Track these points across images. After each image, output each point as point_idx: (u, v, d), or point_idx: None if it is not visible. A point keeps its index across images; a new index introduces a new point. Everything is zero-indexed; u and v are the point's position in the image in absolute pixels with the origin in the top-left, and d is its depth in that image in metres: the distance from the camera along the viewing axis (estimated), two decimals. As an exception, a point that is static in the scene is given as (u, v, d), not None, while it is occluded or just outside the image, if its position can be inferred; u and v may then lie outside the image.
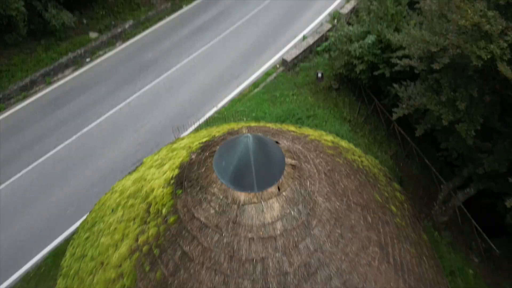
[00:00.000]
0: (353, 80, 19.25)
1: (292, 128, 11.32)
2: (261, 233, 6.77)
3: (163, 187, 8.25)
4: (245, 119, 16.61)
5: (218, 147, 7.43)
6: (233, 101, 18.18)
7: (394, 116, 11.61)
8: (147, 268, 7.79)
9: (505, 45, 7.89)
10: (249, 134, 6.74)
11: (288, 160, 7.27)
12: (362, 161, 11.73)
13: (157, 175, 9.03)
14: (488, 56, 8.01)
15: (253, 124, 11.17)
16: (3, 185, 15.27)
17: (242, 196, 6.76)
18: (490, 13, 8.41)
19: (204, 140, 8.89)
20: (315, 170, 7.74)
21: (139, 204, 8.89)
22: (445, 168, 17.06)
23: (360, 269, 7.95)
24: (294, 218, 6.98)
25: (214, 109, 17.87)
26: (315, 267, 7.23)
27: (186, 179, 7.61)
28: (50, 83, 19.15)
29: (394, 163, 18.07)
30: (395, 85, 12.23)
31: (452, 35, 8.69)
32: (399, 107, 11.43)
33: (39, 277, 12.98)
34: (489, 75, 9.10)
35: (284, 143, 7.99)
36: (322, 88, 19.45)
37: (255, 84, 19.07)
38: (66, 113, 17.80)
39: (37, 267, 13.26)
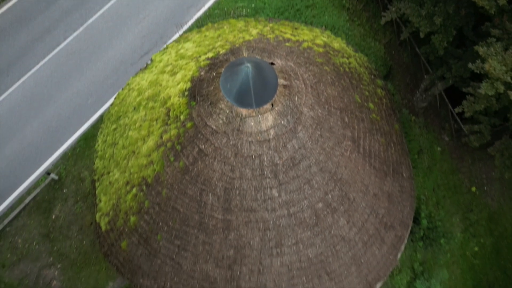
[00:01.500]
0: (355, -36, 19.18)
1: (288, 33, 12.69)
2: (258, 137, 9.17)
3: (178, 97, 10.33)
4: (244, 11, 17.42)
5: (223, 69, 9.26)
6: (232, -11, 18.56)
7: (382, 20, 12.83)
8: (172, 159, 10.49)
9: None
10: (249, 64, 8.52)
11: (281, 81, 9.20)
12: (350, 63, 13.46)
13: (171, 84, 10.99)
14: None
15: (253, 29, 12.51)
16: (26, 76, 17.15)
17: (243, 111, 8.94)
18: None
19: (210, 55, 10.57)
20: (303, 85, 9.72)
21: (159, 108, 11.10)
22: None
23: (334, 158, 10.65)
24: (283, 126, 9.30)
25: (214, -1, 18.44)
26: (299, 159, 9.88)
27: (198, 93, 9.66)
28: (45, -32, 19.13)
29: (386, 52, 19.50)
30: (389, -14, 13.04)
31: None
32: (388, 11, 12.55)
33: (76, 156, 16.04)
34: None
35: (278, 63, 9.76)
36: (323, -27, 19.46)
37: (255, -31, 19.04)
38: (69, 2, 18.43)
39: (72, 148, 16.21)
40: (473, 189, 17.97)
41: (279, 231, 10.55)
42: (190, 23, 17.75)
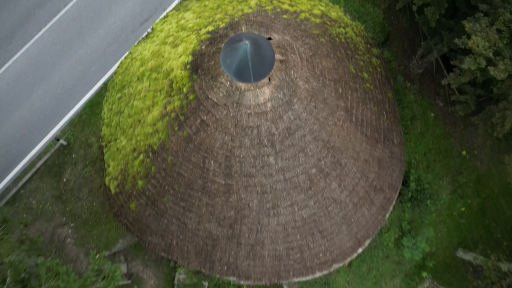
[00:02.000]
0: None
1: (286, 3, 13.09)
2: (256, 110, 9.97)
3: (181, 70, 11.00)
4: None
5: (223, 45, 9.88)
6: (231, -48, 18.51)
7: (379, -9, 13.14)
8: (176, 128, 11.34)
9: None
10: (247, 41, 9.14)
11: (278, 56, 9.85)
12: (346, 33, 13.95)
13: (174, 56, 11.61)
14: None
15: (252, 2, 12.90)
16: (29, 44, 17.60)
17: (242, 85, 9.67)
18: None
19: (210, 28, 11.11)
20: (298, 59, 10.38)
21: (162, 79, 11.79)
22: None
23: (327, 128, 11.51)
24: (280, 98, 10.07)
25: (213, -38, 18.42)
26: (294, 129, 10.74)
27: (200, 67, 10.33)
28: None
29: (385, 17, 19.75)
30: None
31: None
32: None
33: (83, 123, 16.87)
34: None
35: (275, 38, 10.34)
36: None
37: None
38: (66, -34, 18.49)
39: (79, 115, 17.00)
40: (464, 153, 18.90)
41: (276, 194, 11.61)
42: (189, -11, 17.90)
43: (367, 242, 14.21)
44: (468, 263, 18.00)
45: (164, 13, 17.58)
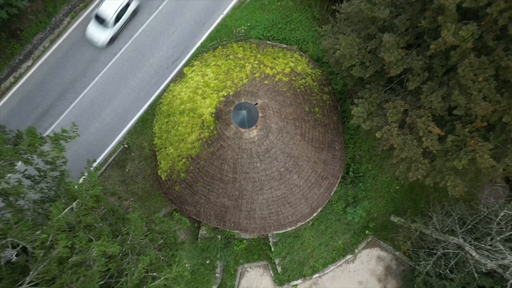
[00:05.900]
0: (323, -13, 29.28)
1: (269, 66, 24.06)
2: (249, 140, 21.26)
3: (209, 116, 22.18)
4: (243, 29, 28.17)
5: (231, 108, 21.06)
6: (234, 9, 28.96)
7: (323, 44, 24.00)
8: (206, 147, 22.67)
9: (357, 61, 19.91)
10: (244, 111, 20.30)
11: (260, 114, 21.03)
12: (306, 82, 24.94)
13: (203, 105, 22.73)
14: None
15: (248, 64, 23.88)
16: (97, 77, 28.45)
17: (242, 130, 20.96)
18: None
19: (224, 93, 22.23)
20: (272, 112, 21.55)
21: (197, 118, 22.98)
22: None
23: (289, 146, 22.82)
24: (261, 134, 21.35)
25: (221, 16, 28.97)
26: (270, 148, 22.06)
27: (220, 117, 21.56)
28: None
29: (345, 51, 30.32)
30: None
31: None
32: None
33: (138, 133, 28.10)
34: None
35: (259, 102, 21.47)
36: (299, -7, 29.61)
37: (250, -8, 29.29)
38: (118, 20, 29.04)
39: (134, 127, 28.17)
40: (400, 148, 29.86)
41: (261, 182, 23.06)
42: (205, 36, 28.57)
43: (319, 209, 25.77)
44: (396, 224, 29.54)
45: (189, 55, 28.40)
